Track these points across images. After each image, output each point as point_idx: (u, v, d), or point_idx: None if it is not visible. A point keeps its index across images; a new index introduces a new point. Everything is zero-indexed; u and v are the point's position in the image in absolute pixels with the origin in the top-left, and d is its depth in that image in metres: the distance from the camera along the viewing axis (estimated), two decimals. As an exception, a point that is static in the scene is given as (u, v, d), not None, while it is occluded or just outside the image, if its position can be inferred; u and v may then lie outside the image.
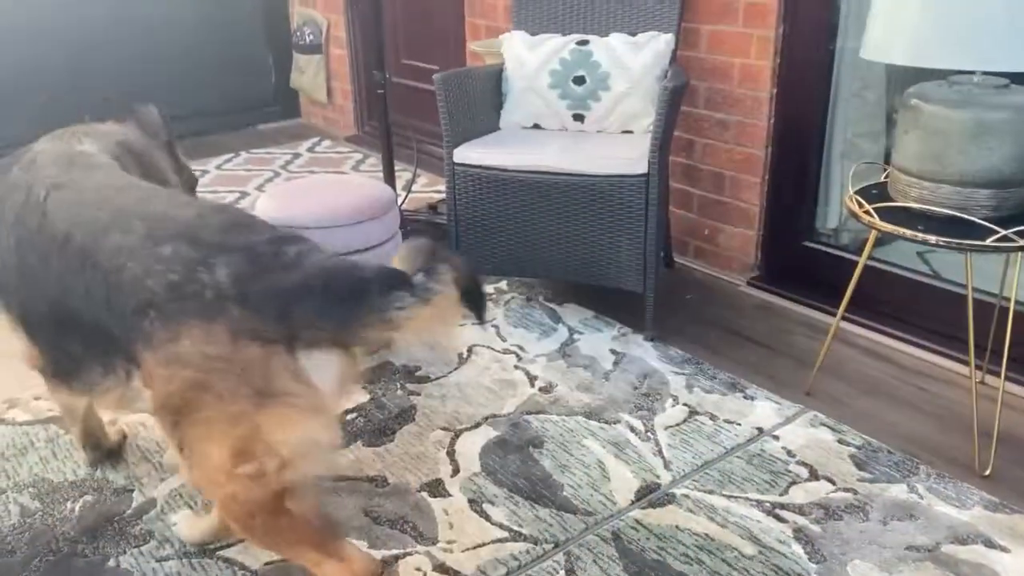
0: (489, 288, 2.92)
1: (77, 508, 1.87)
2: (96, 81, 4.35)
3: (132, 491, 1.93)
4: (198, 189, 2.40)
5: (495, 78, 2.81)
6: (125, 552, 1.74)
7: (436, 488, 1.93)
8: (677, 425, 2.15)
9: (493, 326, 2.66)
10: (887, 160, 2.26)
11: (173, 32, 4.69)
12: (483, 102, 2.77)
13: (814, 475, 1.95)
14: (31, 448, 2.08)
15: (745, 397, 2.26)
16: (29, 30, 4.26)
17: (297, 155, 4.52)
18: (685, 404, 2.24)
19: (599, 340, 2.56)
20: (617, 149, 2.48)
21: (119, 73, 4.49)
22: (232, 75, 4.95)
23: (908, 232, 1.90)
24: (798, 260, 2.82)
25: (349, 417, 2.20)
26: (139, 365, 1.36)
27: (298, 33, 4.92)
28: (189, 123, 4.76)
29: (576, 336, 2.59)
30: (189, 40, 4.75)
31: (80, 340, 1.48)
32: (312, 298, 1.30)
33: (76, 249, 1.43)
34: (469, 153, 2.56)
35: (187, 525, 1.78)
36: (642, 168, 2.38)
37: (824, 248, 2.78)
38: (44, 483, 1.96)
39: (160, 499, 1.90)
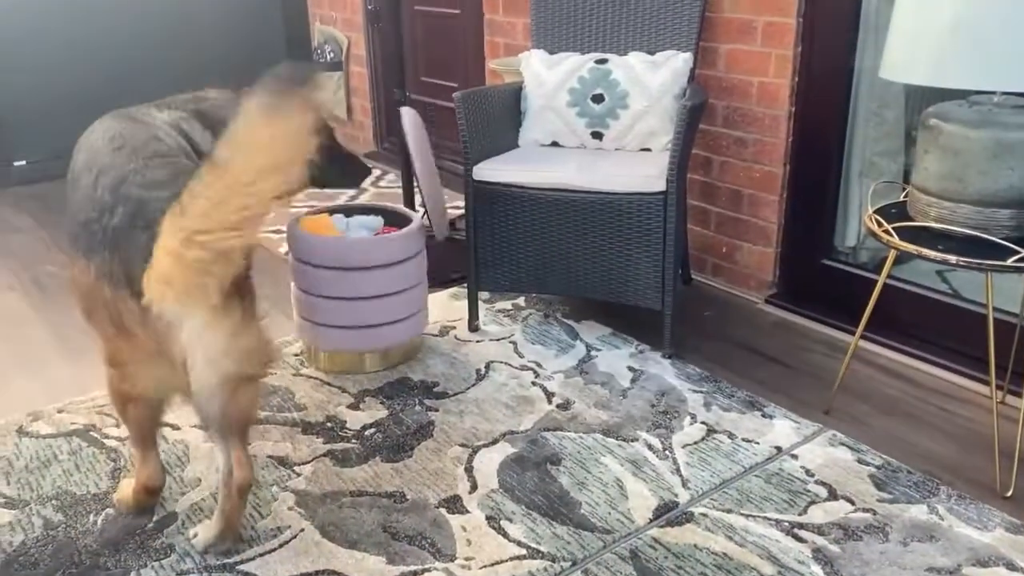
0: (507, 304, 2.93)
1: (99, 521, 1.89)
2: (127, 98, 4.40)
3: (153, 504, 1.94)
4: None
5: (514, 96, 2.84)
6: (146, 565, 1.76)
7: (454, 504, 1.93)
8: (695, 443, 2.15)
9: (511, 342, 2.67)
10: (906, 179, 2.26)
11: (194, 49, 4.75)
12: (502, 120, 2.79)
13: (833, 495, 1.95)
14: (54, 461, 2.11)
15: (763, 416, 2.26)
16: (60, 59, 4.34)
17: (316, 171, 4.55)
18: (703, 422, 2.23)
19: (617, 357, 2.57)
20: (636, 167, 2.49)
21: (148, 93, 4.53)
22: (253, 92, 4.99)
23: (928, 252, 1.90)
24: (816, 278, 2.81)
25: (368, 432, 2.21)
26: None
27: (319, 51, 4.98)
28: (210, 139, 4.84)
29: (594, 353, 2.59)
30: (210, 57, 4.81)
31: None
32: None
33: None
34: (488, 170, 2.58)
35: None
36: (660, 186, 2.39)
37: (843, 266, 2.77)
38: (67, 496, 1.98)
39: (181, 513, 1.92)
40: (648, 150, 2.70)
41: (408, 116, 2.41)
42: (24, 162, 4.37)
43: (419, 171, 2.38)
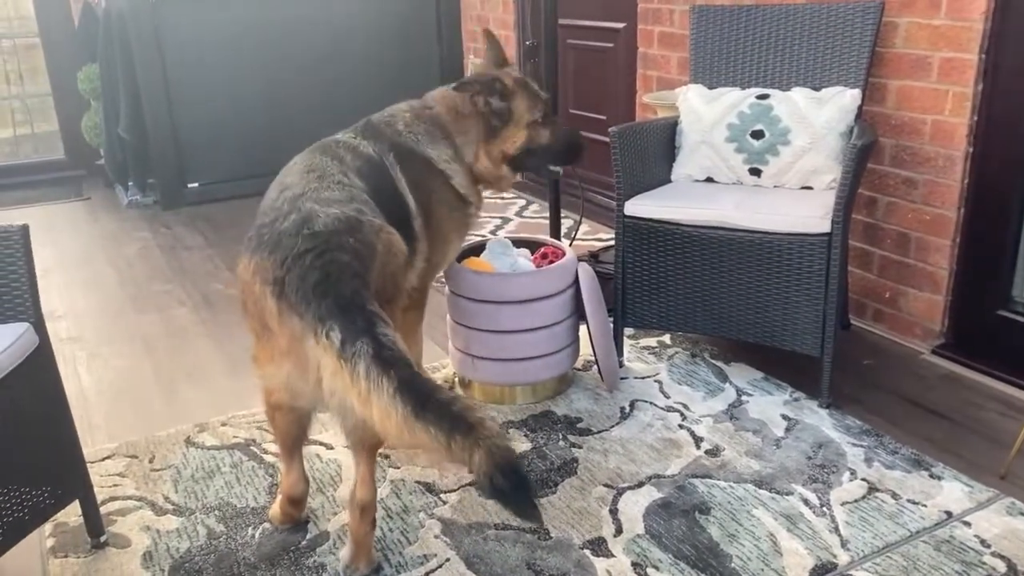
0: (652, 341, 2.88)
1: (257, 535, 1.97)
2: (291, 125, 4.67)
3: (307, 523, 2.01)
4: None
5: (669, 131, 2.80)
6: (299, 582, 1.81)
7: (599, 547, 1.90)
8: (855, 501, 2.02)
9: (656, 381, 2.62)
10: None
11: (359, 84, 4.97)
12: (655, 155, 2.76)
13: (1012, 570, 1.78)
14: (218, 472, 2.22)
15: (931, 476, 2.10)
16: (230, 84, 4.64)
17: (464, 199, 4.65)
18: (864, 479, 2.10)
19: (769, 403, 2.46)
20: (797, 206, 2.40)
21: (306, 121, 4.79)
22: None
23: None
24: (991, 329, 2.62)
25: (512, 465, 2.21)
26: None
27: (471, 83, 5.09)
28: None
29: (744, 398, 2.50)
30: (373, 91, 5.02)
31: None
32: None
33: None
34: (641, 206, 2.55)
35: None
36: (825, 227, 2.29)
37: (1021, 318, 2.57)
38: (228, 507, 2.07)
39: (333, 533, 1.97)
40: (810, 188, 2.60)
41: (583, 271, 2.46)
42: (197, 184, 4.68)
43: (592, 325, 2.42)
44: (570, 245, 2.79)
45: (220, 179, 4.72)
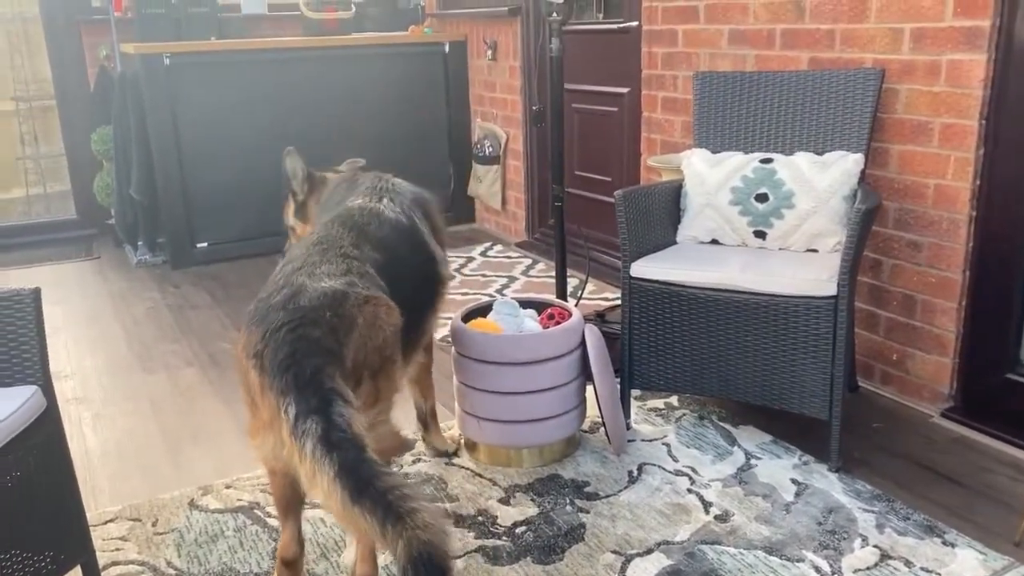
0: (659, 403, 2.86)
1: (260, 601, 1.94)
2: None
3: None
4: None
5: (673, 193, 2.83)
6: (302, 651, 1.78)
7: (607, 615, 1.86)
8: (867, 569, 1.99)
9: (664, 444, 2.60)
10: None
11: (368, 147, 5.04)
12: (660, 217, 2.79)
13: (1032, 642, 1.75)
14: (221, 536, 2.19)
15: (944, 543, 2.07)
16: (241, 148, 4.72)
17: (471, 259, 4.69)
18: (876, 546, 2.07)
19: (778, 467, 2.44)
20: (803, 269, 2.42)
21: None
22: (417, 184, 5.20)
23: None
24: (1000, 393, 2.60)
25: (518, 530, 2.18)
26: None
27: (478, 146, 5.18)
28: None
29: (753, 461, 2.48)
30: (382, 153, 5.08)
31: None
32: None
33: None
34: (647, 268, 2.57)
35: None
36: (831, 290, 2.30)
37: (1032, 381, 2.56)
38: (231, 572, 2.04)
39: (336, 600, 1.94)
40: (815, 251, 2.62)
41: (590, 332, 2.50)
42: (206, 244, 4.73)
43: (599, 386, 2.44)
44: (576, 305, 2.80)
45: (229, 239, 4.77)
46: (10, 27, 6.13)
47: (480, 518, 2.24)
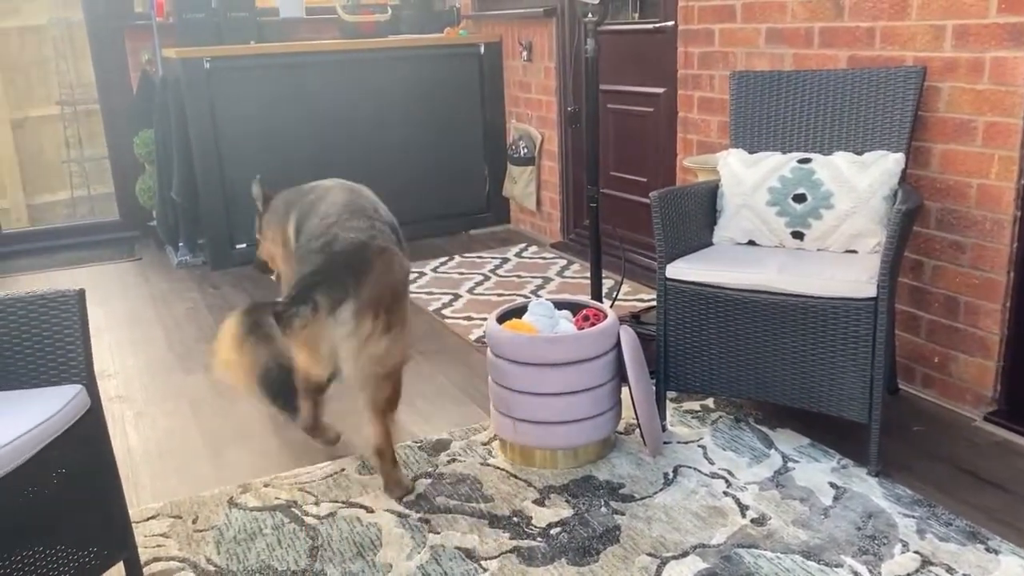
0: (695, 405, 2.85)
1: (297, 598, 1.96)
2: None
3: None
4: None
5: (709, 194, 2.81)
6: (338, 649, 1.80)
7: (642, 618, 1.86)
8: (908, 575, 1.96)
9: (700, 446, 2.58)
10: None
11: (404, 148, 5.10)
12: (696, 218, 2.77)
13: (1079, 652, 1.70)
14: (259, 534, 2.22)
15: (988, 550, 2.03)
16: (280, 150, 4.78)
17: (506, 260, 4.69)
18: (917, 552, 2.04)
19: (816, 471, 2.41)
20: (842, 270, 2.38)
21: (357, 183, 4.94)
22: (452, 185, 5.29)
23: None
24: (1047, 397, 2.55)
25: (553, 531, 2.18)
26: None
27: (513, 147, 5.19)
28: (414, 228, 5.12)
29: (791, 464, 2.45)
30: (418, 154, 5.15)
31: None
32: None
33: None
34: (683, 269, 2.55)
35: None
36: (871, 291, 2.26)
37: (1079, 385, 2.50)
38: (269, 570, 2.07)
39: (372, 598, 1.96)
40: (854, 252, 2.58)
41: (626, 334, 2.49)
42: (245, 245, 4.79)
43: (634, 388, 2.43)
44: (611, 306, 2.80)
45: (267, 240, 4.83)
46: (56, 33, 6.27)
47: (515, 519, 2.25)
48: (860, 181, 2.55)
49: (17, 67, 6.46)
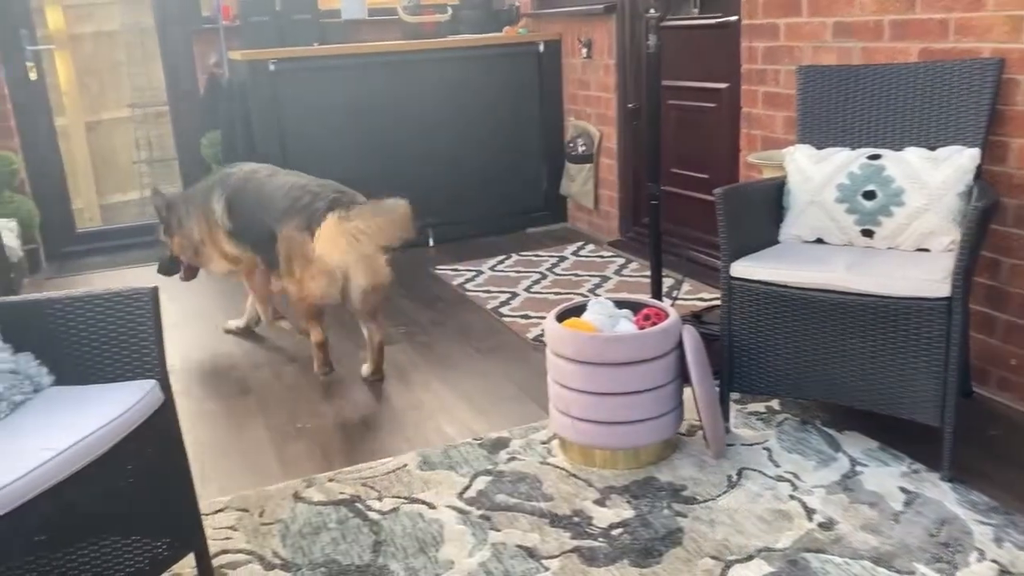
0: (760, 407, 2.80)
1: (361, 593, 1.98)
2: (398, 188, 4.86)
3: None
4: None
5: (775, 191, 2.76)
6: (402, 644, 1.81)
7: (706, 622, 1.83)
8: (985, 585, 1.90)
9: (764, 449, 2.54)
10: None
11: (463, 146, 5.13)
12: (761, 215, 2.72)
13: None
14: (324, 528, 2.26)
15: (1070, 560, 1.96)
16: (344, 149, 4.85)
17: (563, 258, 4.68)
18: (994, 560, 1.97)
19: (886, 475, 2.35)
20: (914, 268, 2.32)
21: (416, 181, 5.00)
22: (509, 183, 5.29)
23: None
24: None
25: (615, 532, 2.17)
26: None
27: (571, 144, 5.17)
28: (471, 225, 5.17)
29: (859, 468, 2.39)
30: (476, 153, 5.17)
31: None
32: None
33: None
34: (748, 268, 2.51)
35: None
36: (944, 291, 2.20)
37: None
38: (334, 564, 2.10)
39: (434, 595, 1.97)
40: (926, 250, 2.51)
41: (688, 334, 2.46)
42: (307, 244, 4.87)
43: (697, 389, 2.40)
44: (672, 305, 2.76)
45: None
46: (128, 38, 6.45)
47: (576, 519, 2.24)
48: (933, 177, 2.47)
49: (91, 71, 6.67)
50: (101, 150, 6.76)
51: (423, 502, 2.35)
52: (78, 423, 1.67)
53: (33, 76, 5.14)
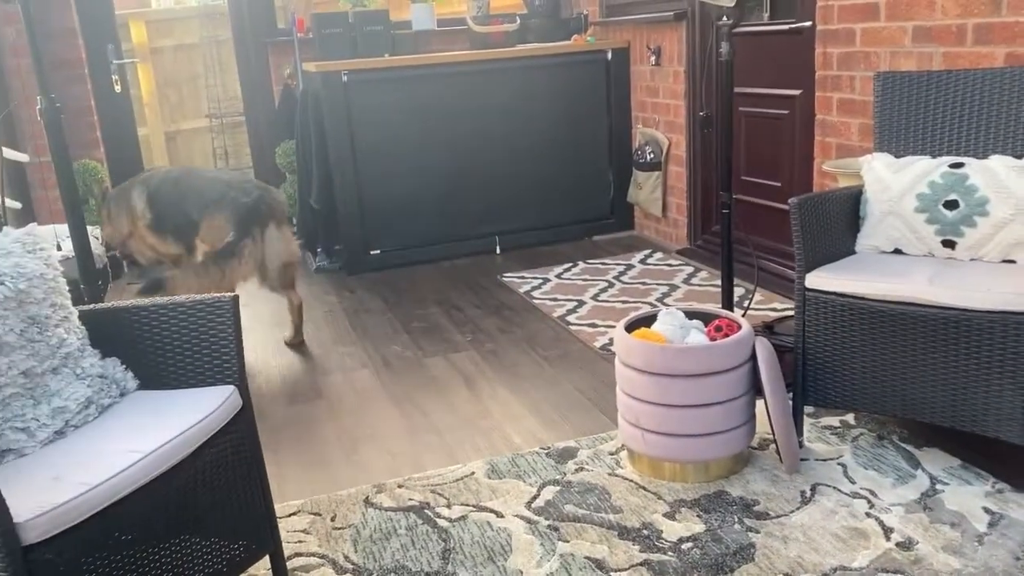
0: (834, 421, 2.73)
1: (430, 600, 2.00)
2: (466, 196, 4.97)
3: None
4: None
5: (852, 200, 2.70)
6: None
7: (780, 641, 1.79)
8: (1076, 613, 1.82)
9: (839, 464, 2.48)
10: None
11: (531, 154, 5.15)
12: (837, 225, 2.66)
13: None
14: (394, 534, 2.29)
15: None
16: (413, 157, 4.92)
17: (630, 266, 4.65)
18: (1086, 588, 1.89)
19: (968, 494, 2.27)
20: (1000, 281, 2.24)
21: (484, 189, 5.05)
22: (576, 191, 5.29)
23: None
24: None
25: (685, 546, 2.14)
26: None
27: (639, 152, 5.14)
28: (538, 233, 5.18)
29: (939, 487, 2.32)
30: (544, 161, 5.19)
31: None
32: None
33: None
34: (824, 279, 2.46)
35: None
36: (1033, 306, 2.12)
37: None
38: (404, 570, 2.13)
39: (503, 604, 1.98)
40: (1012, 262, 2.42)
41: (761, 345, 2.42)
42: (379, 251, 4.95)
43: (770, 402, 2.36)
44: (743, 315, 2.72)
45: (399, 247, 4.98)
46: (205, 51, 6.67)
47: (645, 531, 2.22)
48: (1020, 186, 2.39)
49: (171, 83, 6.91)
50: (180, 159, 6.99)
51: (491, 510, 2.36)
52: (162, 427, 1.73)
53: (118, 88, 5.34)
